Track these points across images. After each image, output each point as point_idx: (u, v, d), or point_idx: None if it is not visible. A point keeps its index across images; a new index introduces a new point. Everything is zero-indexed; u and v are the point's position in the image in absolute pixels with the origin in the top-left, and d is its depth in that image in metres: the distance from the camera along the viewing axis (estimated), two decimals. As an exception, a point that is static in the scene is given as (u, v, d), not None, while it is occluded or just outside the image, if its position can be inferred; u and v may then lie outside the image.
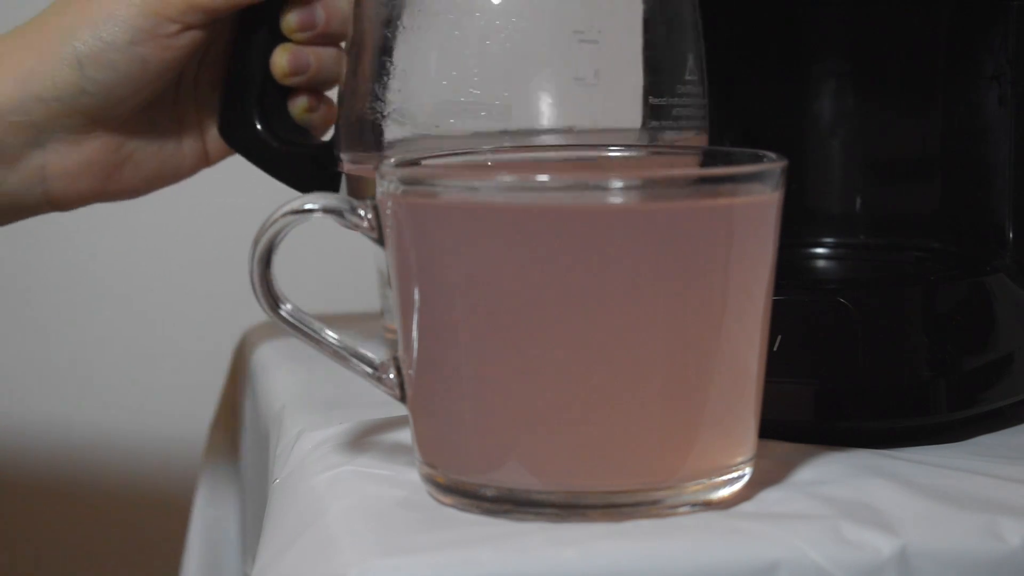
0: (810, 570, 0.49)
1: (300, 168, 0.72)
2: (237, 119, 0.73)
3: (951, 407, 0.62)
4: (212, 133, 0.74)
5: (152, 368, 1.27)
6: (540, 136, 0.63)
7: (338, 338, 0.56)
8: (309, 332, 0.56)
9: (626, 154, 0.59)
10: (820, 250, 0.71)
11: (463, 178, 0.54)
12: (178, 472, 1.22)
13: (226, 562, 0.83)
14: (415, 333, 0.53)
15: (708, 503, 0.53)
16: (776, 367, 0.56)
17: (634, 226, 0.51)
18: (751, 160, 0.54)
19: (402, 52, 0.65)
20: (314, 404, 0.66)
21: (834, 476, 0.56)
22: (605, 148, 0.60)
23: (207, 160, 0.75)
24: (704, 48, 0.66)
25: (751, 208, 0.52)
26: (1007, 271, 0.65)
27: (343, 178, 0.71)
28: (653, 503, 0.52)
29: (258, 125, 0.72)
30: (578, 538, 0.50)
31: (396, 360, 0.56)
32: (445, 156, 0.58)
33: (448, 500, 0.53)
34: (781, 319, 0.55)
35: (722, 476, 0.53)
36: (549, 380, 0.51)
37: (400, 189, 0.53)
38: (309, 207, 0.55)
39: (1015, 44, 0.66)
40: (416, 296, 0.53)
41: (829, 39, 0.71)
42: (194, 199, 0.79)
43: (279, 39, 0.72)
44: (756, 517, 0.52)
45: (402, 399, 0.56)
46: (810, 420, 0.61)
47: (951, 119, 0.69)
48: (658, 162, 0.60)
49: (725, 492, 0.53)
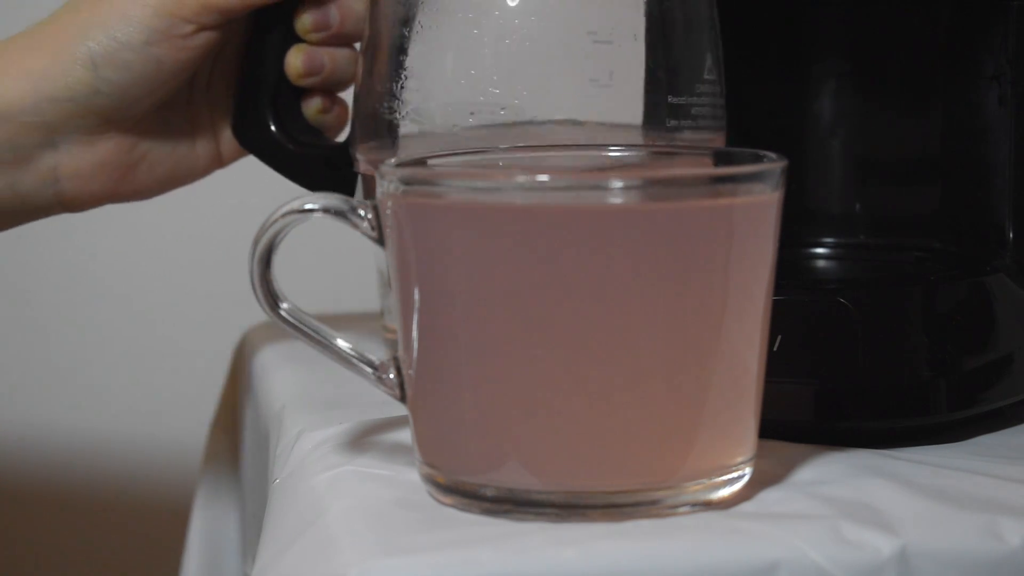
0: (810, 570, 0.49)
1: (314, 169, 0.72)
2: (251, 120, 0.72)
3: (951, 407, 0.62)
4: (225, 134, 0.74)
5: (152, 368, 1.27)
6: (555, 136, 0.63)
7: (338, 338, 0.56)
8: (309, 332, 0.56)
9: (627, 154, 0.59)
10: (820, 250, 0.71)
11: (463, 178, 0.54)
12: (178, 472, 1.22)
13: (226, 562, 0.83)
14: (415, 333, 0.53)
15: (708, 503, 0.53)
16: (776, 367, 0.55)
17: (634, 226, 0.51)
18: (751, 160, 0.54)
19: (419, 52, 0.65)
20: (314, 404, 0.66)
21: (834, 476, 0.56)
22: (606, 148, 0.60)
23: (220, 161, 0.75)
24: (722, 47, 0.66)
25: (751, 208, 0.52)
26: (1007, 271, 0.65)
27: (359, 179, 0.70)
28: (653, 503, 0.52)
29: (272, 126, 0.72)
30: (578, 538, 0.50)
31: (396, 360, 0.56)
32: (446, 156, 0.58)
33: (448, 500, 0.53)
34: (781, 319, 0.55)
35: (722, 476, 0.53)
36: (549, 380, 0.51)
37: (400, 189, 0.53)
38: (309, 207, 0.55)
39: (1015, 44, 0.66)
40: (416, 296, 0.53)
41: (829, 39, 0.71)
42: (194, 199, 0.79)
43: (293, 40, 0.71)
44: (756, 517, 0.52)
45: (402, 399, 0.56)
46: (810, 420, 0.61)
47: (951, 119, 0.69)
48: (659, 162, 0.60)
49: (725, 492, 0.53)
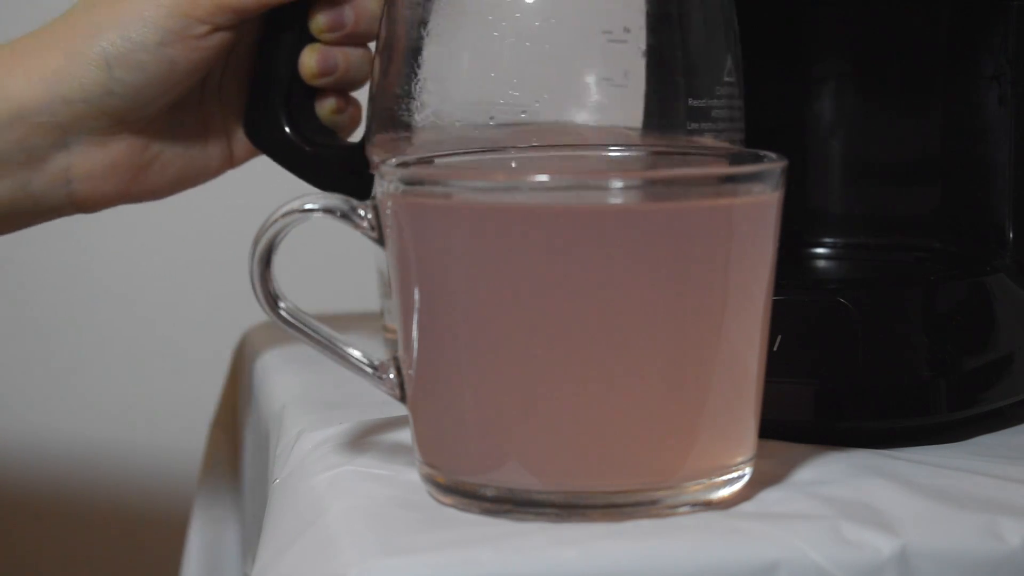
0: (810, 570, 0.49)
1: (327, 169, 0.72)
2: (264, 120, 0.72)
3: (951, 407, 0.62)
4: (238, 134, 0.73)
5: (152, 368, 1.27)
6: (568, 137, 0.62)
7: (338, 338, 0.56)
8: (309, 332, 0.56)
9: (627, 155, 0.59)
10: (820, 250, 0.71)
11: (463, 178, 0.54)
12: (178, 472, 1.22)
13: (226, 562, 0.83)
14: (415, 333, 0.53)
15: (708, 503, 0.53)
16: (776, 367, 0.55)
17: (634, 226, 0.51)
18: (751, 160, 0.54)
19: (436, 52, 0.64)
20: (314, 404, 0.66)
21: (834, 476, 0.56)
22: (605, 148, 0.60)
23: (232, 161, 0.74)
24: (741, 49, 0.65)
25: (751, 208, 0.52)
26: (1007, 271, 0.65)
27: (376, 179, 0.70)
28: (653, 503, 0.52)
29: (285, 126, 0.71)
30: (578, 538, 0.50)
31: (396, 360, 0.56)
32: (447, 156, 0.58)
33: (448, 500, 0.53)
34: (781, 319, 0.55)
35: (722, 476, 0.53)
36: (549, 380, 0.51)
37: (400, 189, 0.53)
38: (309, 207, 0.55)
39: (1015, 44, 0.66)
40: (416, 296, 0.53)
41: (829, 39, 0.71)
42: (194, 200, 0.79)
43: (307, 39, 0.71)
44: (756, 517, 0.52)
45: (402, 399, 0.56)
46: (810, 420, 0.61)
47: (951, 119, 0.69)
48: (660, 162, 0.60)
49: (725, 492, 0.53)
